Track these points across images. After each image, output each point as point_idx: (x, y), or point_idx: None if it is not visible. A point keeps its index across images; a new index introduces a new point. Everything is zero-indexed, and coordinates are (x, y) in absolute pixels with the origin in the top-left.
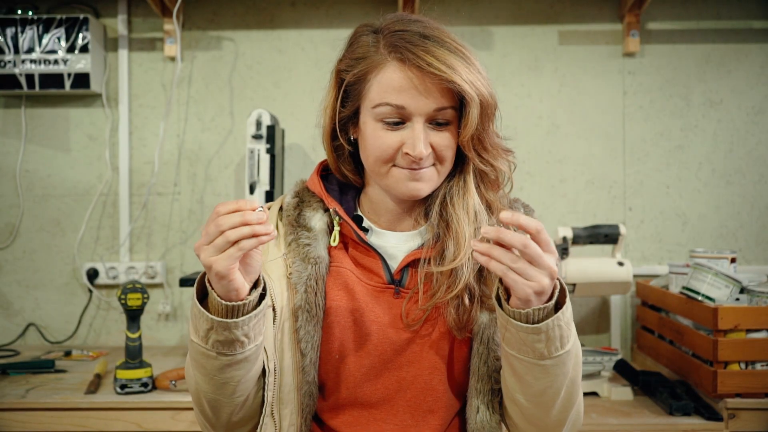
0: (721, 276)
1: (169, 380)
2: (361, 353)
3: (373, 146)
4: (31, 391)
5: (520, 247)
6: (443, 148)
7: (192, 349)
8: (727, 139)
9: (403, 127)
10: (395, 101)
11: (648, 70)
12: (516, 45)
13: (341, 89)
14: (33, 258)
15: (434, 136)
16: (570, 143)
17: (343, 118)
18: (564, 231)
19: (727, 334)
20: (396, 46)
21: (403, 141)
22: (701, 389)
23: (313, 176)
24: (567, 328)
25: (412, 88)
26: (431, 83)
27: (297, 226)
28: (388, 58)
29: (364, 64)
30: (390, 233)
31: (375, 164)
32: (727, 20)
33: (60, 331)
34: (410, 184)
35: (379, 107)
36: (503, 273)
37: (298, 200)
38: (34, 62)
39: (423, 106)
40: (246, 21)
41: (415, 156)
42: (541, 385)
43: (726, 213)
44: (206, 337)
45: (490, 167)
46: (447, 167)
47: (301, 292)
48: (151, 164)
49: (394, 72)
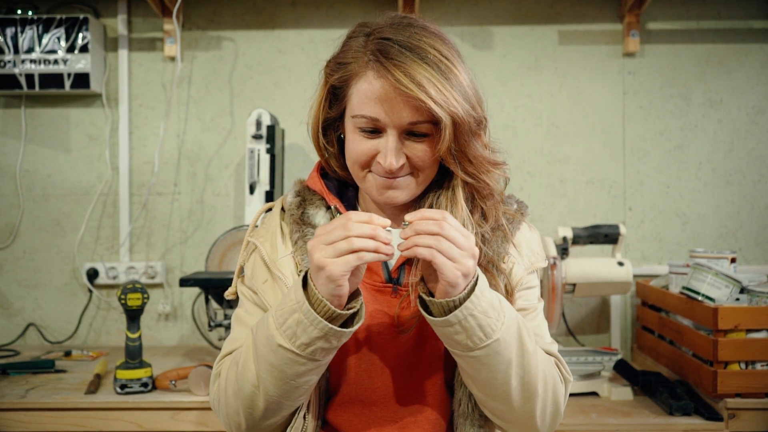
0: (721, 276)
1: (169, 380)
2: (362, 351)
3: (351, 151)
4: (31, 391)
5: (437, 228)
6: (419, 160)
7: (272, 356)
8: (727, 139)
9: (379, 136)
10: (369, 113)
11: (648, 70)
12: (516, 45)
13: (328, 91)
14: (33, 258)
15: (410, 148)
16: (570, 143)
17: (330, 119)
18: (564, 231)
19: (727, 334)
20: (376, 56)
21: (378, 150)
22: (701, 389)
23: (313, 175)
24: (486, 317)
25: (387, 101)
26: (404, 98)
27: (302, 224)
28: (367, 68)
29: (347, 70)
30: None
31: (353, 168)
32: (728, 20)
33: (60, 331)
34: (385, 192)
35: (356, 118)
36: (431, 256)
37: (300, 199)
38: (34, 62)
39: (396, 119)
40: (246, 21)
41: (385, 167)
42: (483, 376)
43: (726, 213)
44: (310, 344)
45: (477, 180)
46: (426, 176)
47: None
48: (151, 164)
49: (371, 83)
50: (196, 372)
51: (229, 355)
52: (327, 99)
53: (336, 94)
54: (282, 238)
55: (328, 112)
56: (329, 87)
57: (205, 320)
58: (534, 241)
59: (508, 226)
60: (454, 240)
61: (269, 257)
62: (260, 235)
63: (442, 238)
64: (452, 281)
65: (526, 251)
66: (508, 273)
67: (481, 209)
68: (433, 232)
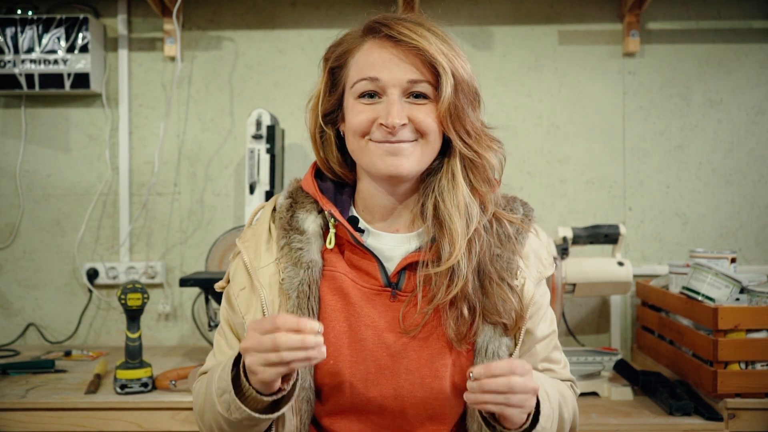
0: (721, 276)
1: (169, 380)
2: (357, 358)
3: (351, 123)
4: (31, 391)
5: (506, 388)
6: (421, 121)
7: (218, 416)
8: (727, 139)
9: (379, 101)
10: (369, 74)
11: (648, 70)
12: (516, 45)
13: (327, 77)
14: (33, 258)
15: (412, 110)
16: (570, 143)
17: (330, 110)
18: (564, 231)
19: (727, 334)
20: (372, 27)
21: (378, 114)
22: (701, 389)
23: (307, 176)
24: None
25: (386, 60)
26: (404, 55)
27: (289, 230)
28: (365, 39)
29: (344, 47)
30: (387, 235)
31: (354, 142)
32: (728, 20)
33: (60, 331)
34: (388, 159)
35: (357, 84)
36: (501, 410)
37: (291, 201)
38: (33, 62)
39: (397, 76)
40: (246, 21)
41: (387, 124)
42: None
43: (726, 213)
44: (243, 420)
45: (475, 153)
46: (431, 144)
47: (293, 297)
48: (151, 164)
49: (370, 49)
50: (196, 372)
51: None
52: (327, 87)
53: (334, 77)
54: (267, 242)
55: (328, 100)
56: (328, 71)
57: (205, 320)
58: (541, 248)
59: (516, 237)
60: (522, 391)
61: (251, 264)
62: (246, 239)
63: (511, 395)
64: (518, 422)
65: (533, 261)
66: (520, 290)
67: (480, 196)
68: (502, 391)
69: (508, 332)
